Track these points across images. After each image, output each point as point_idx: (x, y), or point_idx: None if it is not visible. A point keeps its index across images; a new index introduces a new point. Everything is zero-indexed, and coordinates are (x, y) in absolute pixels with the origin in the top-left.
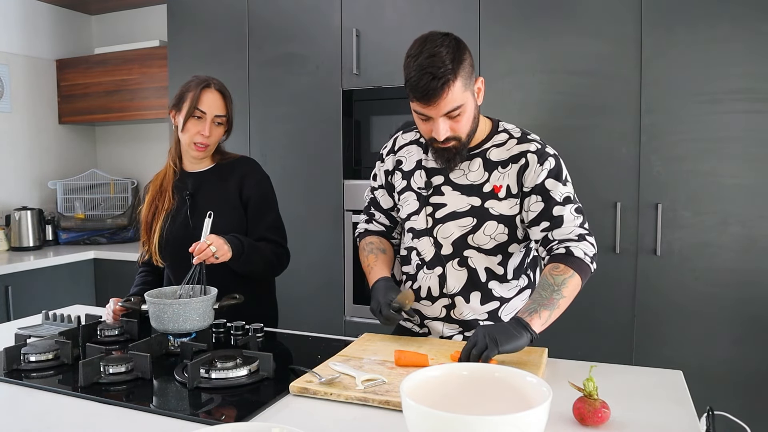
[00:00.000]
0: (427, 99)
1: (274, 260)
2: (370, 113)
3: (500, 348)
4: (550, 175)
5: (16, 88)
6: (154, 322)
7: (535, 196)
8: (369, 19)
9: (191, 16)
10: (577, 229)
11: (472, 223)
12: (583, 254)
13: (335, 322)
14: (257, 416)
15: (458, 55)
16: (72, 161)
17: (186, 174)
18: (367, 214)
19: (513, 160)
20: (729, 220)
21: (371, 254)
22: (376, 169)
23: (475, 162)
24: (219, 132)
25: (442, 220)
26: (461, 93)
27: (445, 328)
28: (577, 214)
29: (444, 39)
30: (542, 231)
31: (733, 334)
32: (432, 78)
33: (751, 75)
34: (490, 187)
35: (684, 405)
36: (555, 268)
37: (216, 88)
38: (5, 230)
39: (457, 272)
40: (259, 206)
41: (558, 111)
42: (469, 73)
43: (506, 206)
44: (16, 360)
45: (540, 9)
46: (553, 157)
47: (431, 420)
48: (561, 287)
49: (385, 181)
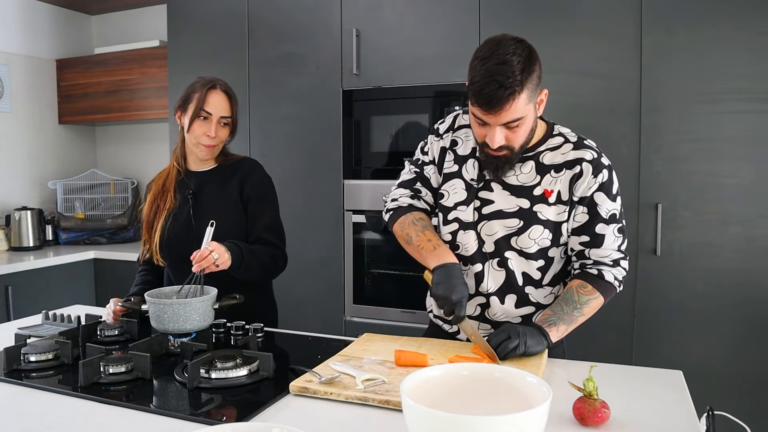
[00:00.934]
0: (490, 107)
1: (271, 264)
2: (370, 113)
3: (528, 350)
4: (601, 189)
5: (16, 88)
6: (154, 322)
7: (582, 207)
8: (369, 19)
9: (191, 16)
10: (615, 253)
11: (518, 224)
12: (614, 278)
13: (335, 322)
14: (257, 416)
15: (529, 66)
16: (72, 161)
17: (189, 173)
18: (412, 190)
19: (567, 166)
20: (729, 220)
21: (428, 230)
22: (429, 143)
23: (527, 164)
24: (224, 133)
25: (488, 217)
26: (525, 105)
27: (479, 327)
28: (618, 235)
29: (517, 46)
30: (581, 244)
31: (733, 334)
32: (499, 87)
33: (751, 75)
34: (540, 190)
35: (684, 405)
36: (583, 287)
37: (222, 89)
38: (5, 230)
39: (496, 272)
40: (258, 206)
41: (558, 111)
42: (536, 84)
43: (554, 212)
44: (16, 360)
45: (540, 9)
46: (607, 170)
47: (431, 420)
48: (583, 306)
49: (438, 157)
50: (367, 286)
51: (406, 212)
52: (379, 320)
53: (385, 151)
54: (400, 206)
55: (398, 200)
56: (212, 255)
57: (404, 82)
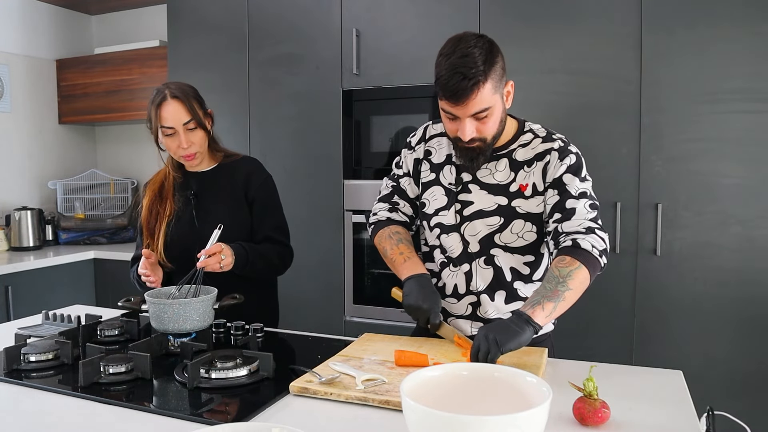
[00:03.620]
0: (456, 98)
1: (278, 262)
2: (370, 113)
3: (501, 348)
4: (569, 171)
5: (16, 88)
6: (154, 322)
7: (552, 189)
8: (369, 19)
9: (191, 16)
10: (587, 222)
11: (499, 221)
12: (591, 246)
13: (335, 322)
14: (257, 416)
15: (490, 57)
16: (72, 161)
17: (189, 174)
18: (390, 203)
19: (538, 158)
20: (729, 220)
21: (402, 244)
22: (403, 156)
23: (501, 162)
24: (197, 136)
25: (470, 218)
26: (490, 95)
27: (471, 326)
28: (590, 210)
29: (478, 40)
30: (554, 222)
31: (733, 334)
32: (463, 78)
33: (751, 75)
34: (516, 186)
35: (684, 405)
36: (561, 261)
37: (172, 96)
38: (5, 230)
39: (484, 270)
40: (264, 207)
41: (558, 111)
42: (500, 75)
43: (533, 204)
44: (16, 360)
45: (540, 9)
46: (574, 155)
47: (431, 420)
48: (566, 279)
49: (413, 169)
50: (367, 286)
51: (384, 225)
52: (379, 320)
53: (385, 151)
54: (380, 220)
55: (378, 214)
56: (219, 256)
57: (404, 82)
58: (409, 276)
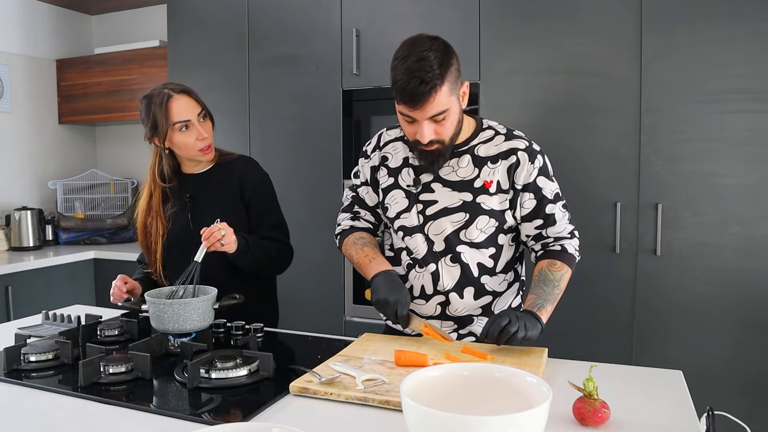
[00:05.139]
0: (414, 102)
1: (278, 257)
2: (370, 113)
3: (528, 333)
4: (540, 173)
5: (16, 88)
6: (154, 322)
7: (528, 193)
8: (369, 19)
9: (191, 16)
10: (568, 225)
11: (464, 218)
12: (574, 250)
13: (335, 322)
14: (257, 416)
15: (446, 60)
16: (72, 161)
17: (185, 176)
18: (351, 212)
19: (503, 156)
20: (729, 220)
21: (366, 247)
22: (360, 166)
23: (464, 158)
24: (208, 126)
25: (434, 217)
26: (447, 97)
27: (442, 325)
28: (564, 210)
29: (432, 43)
30: (536, 228)
31: (733, 333)
32: (420, 82)
33: (752, 75)
34: (480, 182)
35: (684, 405)
36: (552, 265)
37: (177, 91)
38: (5, 230)
39: (450, 268)
40: (261, 208)
41: (558, 111)
42: (456, 77)
43: (496, 201)
44: (16, 360)
45: (540, 9)
46: (540, 155)
47: (431, 420)
48: (560, 282)
49: (370, 177)
50: (367, 286)
51: (348, 234)
52: (379, 320)
53: None
54: (344, 229)
55: (341, 224)
56: (219, 232)
57: None
58: (375, 273)
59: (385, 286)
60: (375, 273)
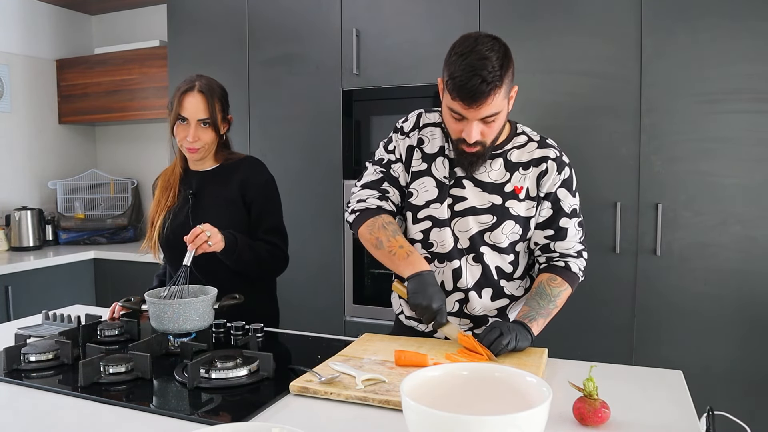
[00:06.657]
0: (471, 101)
1: (269, 261)
2: (370, 113)
3: (518, 344)
4: (563, 185)
5: (16, 88)
6: (154, 322)
7: (547, 202)
8: (369, 19)
9: (191, 16)
10: (578, 244)
11: (491, 220)
12: (578, 269)
13: (335, 322)
14: (257, 416)
15: (506, 62)
16: (72, 161)
17: (190, 173)
18: (379, 190)
19: (534, 164)
20: (729, 220)
21: (399, 236)
22: (395, 141)
23: (496, 162)
24: (207, 134)
25: (461, 214)
26: (502, 100)
27: (459, 323)
28: (579, 228)
29: (494, 43)
30: (546, 238)
31: (733, 333)
32: (482, 81)
33: (751, 75)
34: (511, 187)
35: (684, 405)
36: (553, 280)
37: (199, 89)
38: (5, 230)
39: (472, 267)
40: (261, 210)
41: (558, 111)
42: (511, 81)
43: (524, 207)
44: (16, 360)
45: (540, 9)
46: (568, 167)
47: (431, 420)
48: (556, 298)
49: (405, 155)
50: (367, 286)
51: (375, 215)
52: (379, 320)
53: None
54: (368, 207)
55: (365, 201)
56: (205, 233)
57: (404, 82)
58: (414, 273)
59: (428, 291)
60: (415, 272)
